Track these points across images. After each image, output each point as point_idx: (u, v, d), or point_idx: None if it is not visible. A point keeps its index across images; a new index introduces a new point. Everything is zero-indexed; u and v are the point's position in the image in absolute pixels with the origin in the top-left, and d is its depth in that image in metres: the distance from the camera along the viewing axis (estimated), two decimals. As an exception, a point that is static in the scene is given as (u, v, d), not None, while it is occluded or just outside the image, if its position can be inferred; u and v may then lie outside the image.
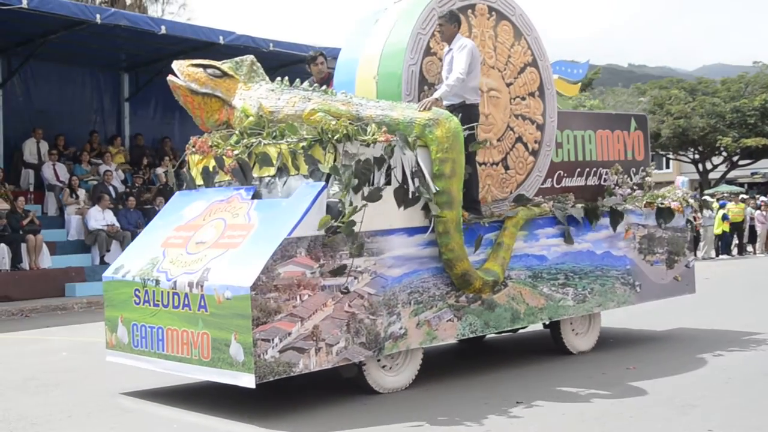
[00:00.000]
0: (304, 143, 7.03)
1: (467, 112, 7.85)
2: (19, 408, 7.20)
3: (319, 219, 6.74)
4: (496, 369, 8.55)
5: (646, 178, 10.43)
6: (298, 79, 7.91)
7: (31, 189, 19.01)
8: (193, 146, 7.84)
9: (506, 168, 8.87)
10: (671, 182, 11.65)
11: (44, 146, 19.31)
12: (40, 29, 17.37)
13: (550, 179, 9.58)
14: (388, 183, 7.21)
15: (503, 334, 9.49)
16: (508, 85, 8.96)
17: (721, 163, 51.26)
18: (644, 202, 9.75)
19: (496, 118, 8.78)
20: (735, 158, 49.77)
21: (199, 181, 7.90)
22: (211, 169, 7.76)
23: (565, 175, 9.77)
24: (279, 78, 7.98)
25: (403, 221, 7.35)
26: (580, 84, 10.81)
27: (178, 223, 7.60)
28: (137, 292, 7.19)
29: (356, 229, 6.78)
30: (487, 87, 8.71)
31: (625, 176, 10.25)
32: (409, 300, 7.37)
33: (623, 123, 10.58)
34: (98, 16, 16.96)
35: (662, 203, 9.87)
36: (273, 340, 6.42)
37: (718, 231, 26.43)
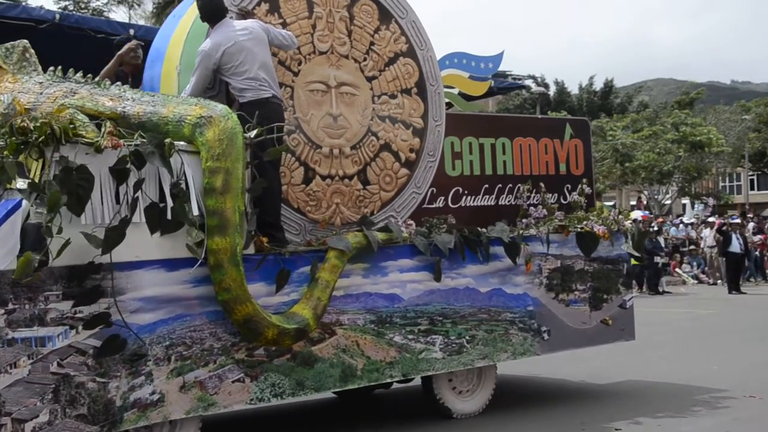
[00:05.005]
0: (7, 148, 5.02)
1: (263, 109, 5.78)
2: None
3: (6, 249, 4.72)
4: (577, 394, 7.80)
5: (577, 197, 8.07)
6: (71, 70, 5.92)
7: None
8: None
9: (365, 183, 6.73)
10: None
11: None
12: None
13: (442, 197, 7.43)
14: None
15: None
16: (370, 79, 6.85)
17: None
18: (553, 227, 7.41)
19: (350, 120, 6.69)
20: None
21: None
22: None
23: (466, 192, 7.60)
24: (52, 68, 6.01)
25: (160, 251, 5.32)
26: (490, 81, 8.53)
27: None
28: None
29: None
30: (336, 81, 6.64)
31: (548, 194, 7.93)
32: (168, 355, 5.31)
33: (554, 130, 8.33)
34: None
35: (581, 227, 7.52)
36: None
37: None
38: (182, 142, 5.46)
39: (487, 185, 7.75)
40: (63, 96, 5.72)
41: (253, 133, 5.61)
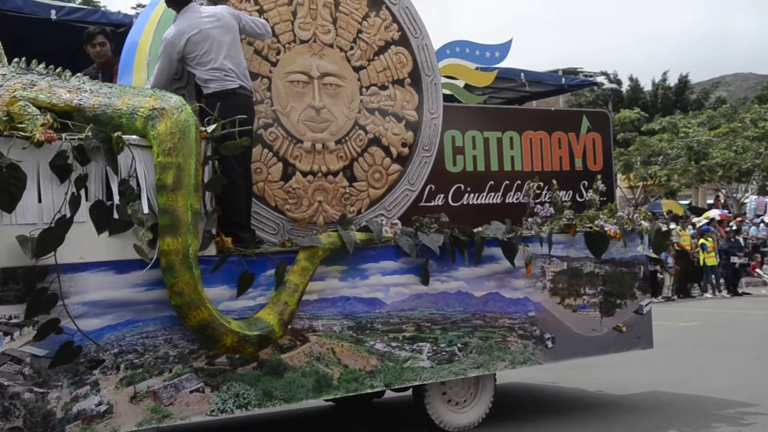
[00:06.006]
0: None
1: (228, 101, 5.37)
2: None
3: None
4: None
5: (591, 195, 7.44)
6: (34, 61, 5.57)
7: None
8: None
9: (351, 179, 6.25)
10: None
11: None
12: None
13: (441, 195, 6.89)
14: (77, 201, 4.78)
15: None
16: (358, 69, 6.36)
17: None
18: (558, 227, 6.82)
19: (335, 113, 6.24)
20: None
21: None
22: None
23: (469, 189, 7.05)
24: (17, 59, 5.67)
25: (108, 252, 4.94)
26: (496, 72, 7.93)
27: None
28: None
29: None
30: (319, 72, 6.16)
31: (561, 191, 7.34)
32: (117, 363, 4.91)
33: (568, 122, 7.70)
34: None
35: (590, 227, 6.91)
36: None
37: None
38: (135, 136, 5.06)
39: (492, 182, 7.18)
40: (21, 88, 5.36)
41: (211, 127, 5.18)
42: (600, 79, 42.46)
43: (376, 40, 6.48)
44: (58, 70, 5.52)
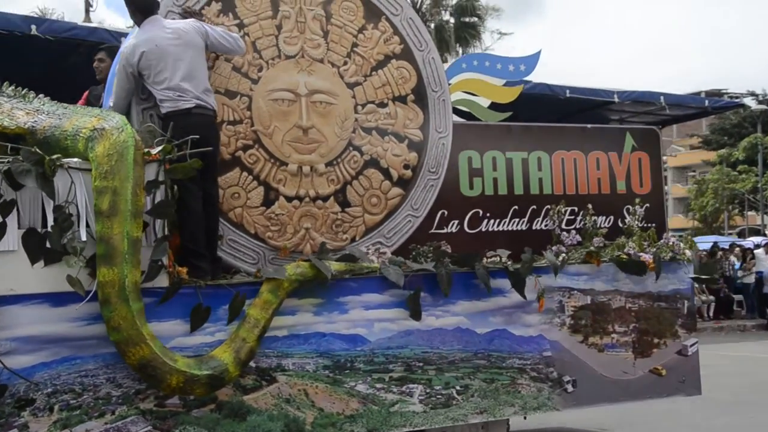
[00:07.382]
0: None
1: (183, 122, 4.90)
2: None
3: None
4: None
5: (630, 220, 6.57)
6: (6, 83, 5.29)
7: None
8: None
9: (344, 205, 5.67)
10: None
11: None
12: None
13: (456, 221, 6.21)
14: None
15: None
16: (352, 86, 5.77)
17: None
18: (580, 256, 6.00)
19: (325, 133, 5.67)
20: None
21: None
22: None
23: (488, 215, 6.31)
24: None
25: (42, 284, 4.50)
26: (521, 87, 7.13)
27: None
28: None
29: None
30: (307, 89, 5.62)
31: (597, 217, 6.52)
32: (50, 404, 4.47)
33: (609, 141, 6.88)
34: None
35: (618, 255, 6.06)
36: None
37: None
38: (76, 159, 4.65)
39: (516, 207, 6.43)
40: (-16, 111, 5.07)
41: (158, 149, 4.70)
42: (747, 99, 40.26)
43: (374, 54, 5.90)
44: (24, 91, 5.20)
